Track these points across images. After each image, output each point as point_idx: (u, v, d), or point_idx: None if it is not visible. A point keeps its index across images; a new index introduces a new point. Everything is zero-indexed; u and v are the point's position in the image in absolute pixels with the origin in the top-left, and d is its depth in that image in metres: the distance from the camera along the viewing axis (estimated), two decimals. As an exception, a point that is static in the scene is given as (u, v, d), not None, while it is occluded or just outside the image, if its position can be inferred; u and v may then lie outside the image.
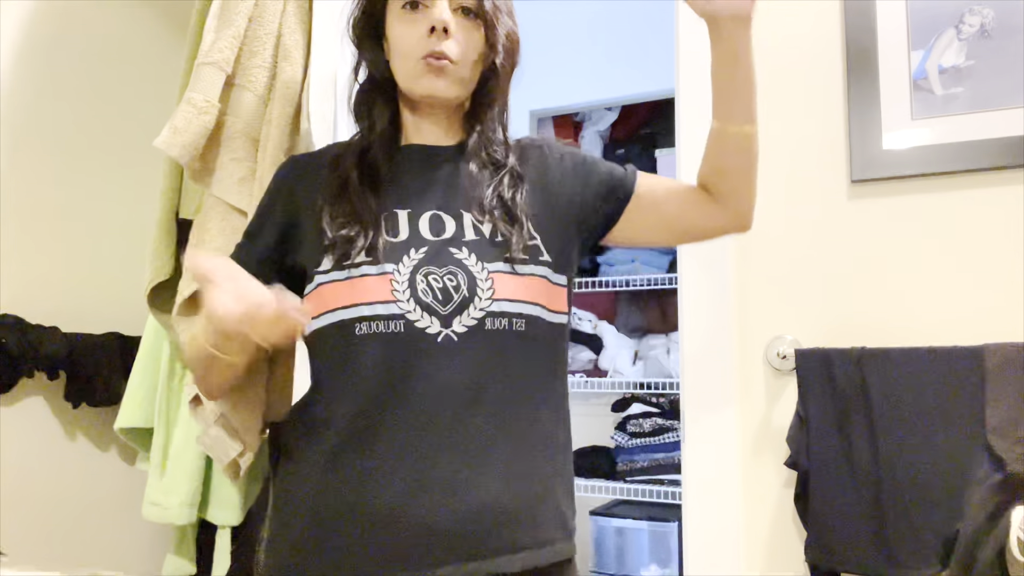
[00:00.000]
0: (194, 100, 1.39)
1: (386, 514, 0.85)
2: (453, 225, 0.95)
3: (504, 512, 0.88)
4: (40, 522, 1.65)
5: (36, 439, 1.67)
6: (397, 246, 0.92)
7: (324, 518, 0.88)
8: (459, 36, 0.95)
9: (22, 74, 1.67)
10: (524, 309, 0.92)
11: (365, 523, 0.85)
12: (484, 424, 0.88)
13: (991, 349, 1.12)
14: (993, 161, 1.20)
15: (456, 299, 0.89)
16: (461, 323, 0.89)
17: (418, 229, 0.94)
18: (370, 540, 0.85)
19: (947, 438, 1.13)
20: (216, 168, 1.46)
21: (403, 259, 0.91)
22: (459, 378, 0.88)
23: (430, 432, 0.86)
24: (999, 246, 1.19)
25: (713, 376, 1.31)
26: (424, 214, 0.95)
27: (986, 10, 1.23)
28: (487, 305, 0.89)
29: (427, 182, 0.99)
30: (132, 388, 1.65)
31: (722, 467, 1.30)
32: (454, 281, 0.90)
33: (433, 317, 0.88)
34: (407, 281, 0.89)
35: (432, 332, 0.88)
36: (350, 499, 0.87)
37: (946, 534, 1.10)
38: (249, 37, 1.47)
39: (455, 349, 0.88)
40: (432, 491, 0.85)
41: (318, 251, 0.94)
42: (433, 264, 0.91)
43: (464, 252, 0.92)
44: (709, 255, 1.35)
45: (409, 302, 0.88)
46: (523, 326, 0.91)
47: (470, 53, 0.96)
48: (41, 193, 1.69)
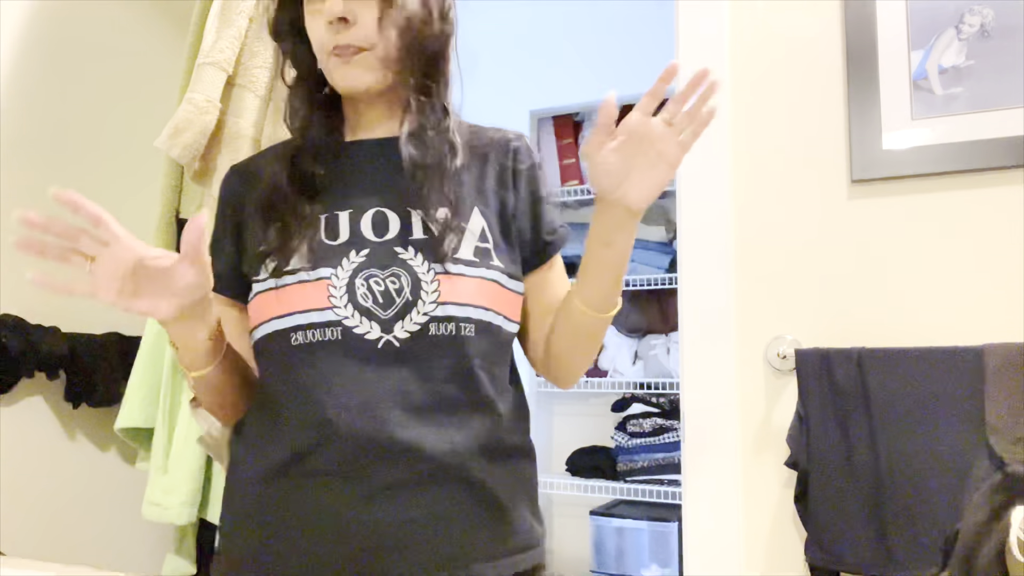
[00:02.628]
0: (195, 100, 1.39)
1: (332, 525, 0.81)
2: (399, 223, 0.89)
3: (457, 521, 0.83)
4: (40, 522, 1.65)
5: (36, 439, 1.67)
6: (335, 249, 0.86)
7: (271, 531, 0.84)
8: (365, 18, 0.87)
9: (22, 74, 1.67)
10: (473, 314, 0.86)
11: (312, 535, 0.81)
12: (429, 433, 0.83)
13: (991, 349, 1.12)
14: (993, 161, 1.20)
15: (398, 302, 0.84)
16: (403, 328, 0.83)
17: (359, 230, 0.88)
18: (317, 551, 0.81)
19: (947, 438, 1.13)
20: (217, 168, 1.46)
21: (342, 262, 0.85)
22: (401, 386, 0.83)
23: (373, 441, 0.81)
24: (999, 246, 1.19)
25: (713, 376, 1.32)
26: (366, 213, 0.89)
27: (986, 10, 1.23)
28: (431, 309, 0.83)
29: (371, 178, 0.92)
30: (132, 388, 1.65)
31: (722, 467, 1.30)
32: (396, 284, 0.84)
33: (373, 322, 0.83)
34: (345, 286, 0.84)
35: (372, 338, 0.83)
36: (295, 511, 0.83)
37: (946, 534, 1.10)
38: (250, 37, 1.47)
39: (398, 356, 0.83)
40: (378, 501, 0.81)
41: (256, 260, 0.89)
42: (375, 266, 0.85)
43: (410, 252, 0.86)
44: (709, 255, 1.35)
45: (347, 307, 0.83)
46: (472, 331, 0.85)
47: (385, 30, 0.87)
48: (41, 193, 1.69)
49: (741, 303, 1.33)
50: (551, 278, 0.98)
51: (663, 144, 0.83)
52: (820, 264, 1.29)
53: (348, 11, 0.86)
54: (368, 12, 0.87)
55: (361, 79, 0.89)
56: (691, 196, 1.38)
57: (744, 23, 1.39)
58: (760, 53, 1.37)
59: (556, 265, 1.00)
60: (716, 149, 1.37)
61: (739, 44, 1.38)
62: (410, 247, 0.86)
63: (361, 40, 0.87)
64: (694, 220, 1.37)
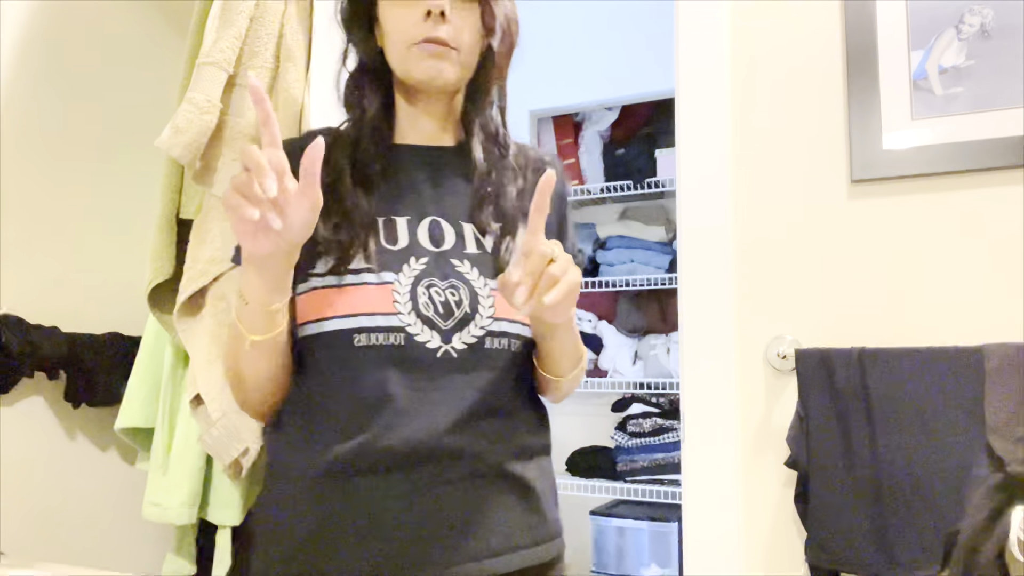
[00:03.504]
0: (195, 100, 1.39)
1: (377, 519, 0.83)
2: (453, 235, 0.91)
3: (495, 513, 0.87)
4: (40, 522, 1.65)
5: (36, 439, 1.67)
6: (397, 254, 0.88)
7: (320, 525, 0.85)
8: (456, 19, 0.90)
9: (22, 74, 1.67)
10: (523, 331, 0.91)
11: (359, 529, 0.83)
12: (474, 438, 0.86)
13: (991, 349, 1.13)
14: (993, 161, 1.20)
15: (457, 314, 0.87)
16: (461, 340, 0.86)
17: (417, 237, 0.90)
18: (364, 544, 0.83)
19: (947, 438, 1.13)
20: (218, 168, 1.46)
21: (403, 268, 0.87)
22: (454, 395, 0.86)
23: (423, 444, 0.84)
24: (999, 246, 1.19)
25: (713, 376, 1.32)
26: (423, 221, 0.91)
27: (986, 10, 1.23)
28: (488, 324, 0.87)
29: (425, 186, 0.94)
30: (132, 388, 1.65)
31: (722, 467, 1.30)
32: (456, 295, 0.87)
33: (433, 332, 0.86)
34: (408, 292, 0.86)
35: (432, 347, 0.86)
36: (344, 507, 0.84)
37: (946, 534, 1.10)
38: (251, 37, 1.47)
39: (453, 366, 0.86)
40: (421, 496, 0.84)
41: (312, 251, 0.88)
42: (435, 276, 0.87)
43: (466, 265, 0.89)
44: (709, 255, 1.35)
45: (410, 315, 0.85)
46: (519, 347, 0.90)
47: (468, 37, 0.92)
48: (41, 193, 1.69)
49: (741, 303, 1.33)
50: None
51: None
52: (820, 264, 1.29)
53: (447, 5, 0.89)
54: (459, 15, 0.91)
55: (444, 74, 0.91)
56: (691, 196, 1.38)
57: (744, 23, 1.39)
58: (760, 53, 1.38)
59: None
60: (716, 149, 1.37)
61: (739, 44, 1.38)
62: (465, 260, 0.89)
63: (453, 38, 0.90)
64: (694, 220, 1.37)
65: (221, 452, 1.40)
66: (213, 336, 1.44)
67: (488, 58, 0.95)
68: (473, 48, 0.93)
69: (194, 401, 1.44)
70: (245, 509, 1.56)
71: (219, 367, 1.42)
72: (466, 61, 0.93)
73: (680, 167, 1.40)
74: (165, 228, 1.54)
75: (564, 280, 0.76)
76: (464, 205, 0.93)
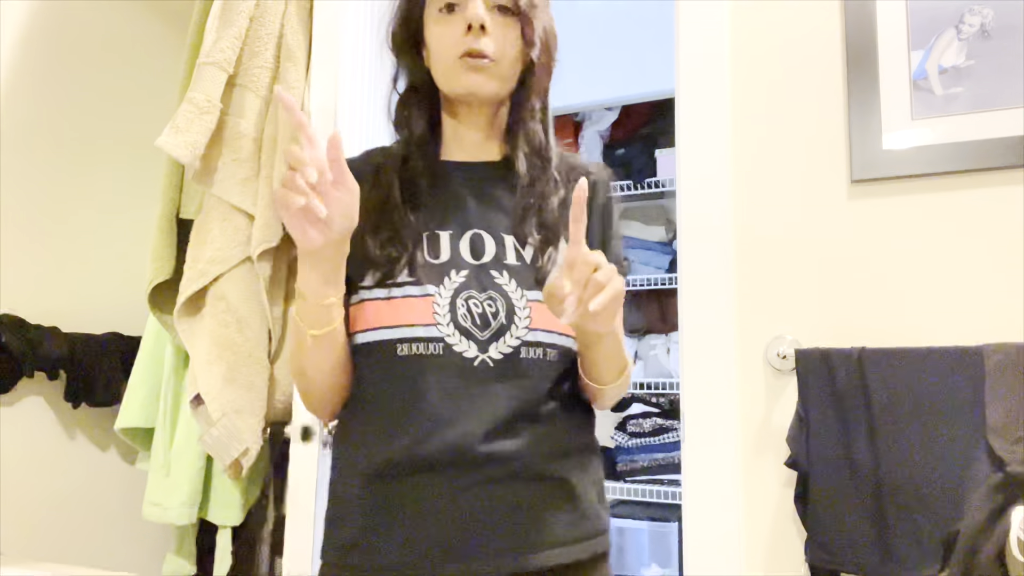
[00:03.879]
0: (196, 100, 1.39)
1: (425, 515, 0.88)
2: (494, 247, 0.95)
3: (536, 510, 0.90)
4: (40, 522, 1.65)
5: (36, 439, 1.67)
6: (438, 268, 0.93)
7: (372, 521, 0.91)
8: (496, 33, 0.95)
9: (22, 74, 1.67)
10: (559, 340, 0.94)
11: (408, 524, 0.88)
12: (513, 441, 0.90)
13: (991, 349, 1.13)
14: (993, 161, 1.20)
15: (494, 325, 0.91)
16: (497, 349, 0.91)
17: (459, 250, 0.95)
18: (413, 538, 0.88)
19: (947, 438, 1.13)
20: (217, 168, 1.46)
21: (444, 281, 0.92)
22: (491, 401, 0.90)
23: (462, 448, 0.88)
24: (999, 246, 1.19)
25: (713, 376, 1.32)
26: (465, 234, 0.96)
27: (986, 10, 1.23)
28: (523, 334, 0.91)
29: (469, 201, 0.98)
30: (132, 388, 1.66)
31: (722, 467, 1.30)
32: (493, 307, 0.92)
33: (471, 342, 0.90)
34: (448, 304, 0.91)
35: (469, 356, 0.90)
36: (393, 504, 0.89)
37: (946, 534, 1.10)
38: (251, 37, 1.47)
39: (490, 375, 0.90)
40: (464, 494, 0.88)
41: (362, 265, 0.94)
42: (474, 288, 0.92)
43: (504, 277, 0.93)
44: (709, 255, 1.35)
45: (449, 326, 0.91)
46: (555, 356, 0.94)
47: (508, 50, 0.96)
48: (41, 193, 1.69)
49: (741, 303, 1.33)
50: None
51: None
52: (820, 264, 1.29)
53: (486, 19, 0.94)
54: (500, 29, 0.95)
55: (485, 86, 0.96)
56: (691, 196, 1.38)
57: (744, 23, 1.39)
58: (760, 53, 1.38)
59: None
60: (716, 149, 1.37)
61: (739, 44, 1.38)
62: (504, 272, 0.93)
63: (492, 51, 0.95)
64: (694, 220, 1.37)
65: (221, 452, 1.40)
66: (213, 336, 1.43)
67: (529, 71, 0.99)
68: (514, 62, 0.97)
69: (194, 401, 1.44)
70: (245, 509, 1.56)
71: (219, 367, 1.42)
72: (506, 74, 0.97)
73: (680, 167, 1.40)
74: (165, 228, 1.54)
75: (609, 287, 0.79)
76: (507, 217, 0.97)
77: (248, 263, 1.46)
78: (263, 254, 1.44)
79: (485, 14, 0.94)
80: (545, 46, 1.00)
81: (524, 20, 0.97)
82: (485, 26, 0.94)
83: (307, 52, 1.52)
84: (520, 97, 1.01)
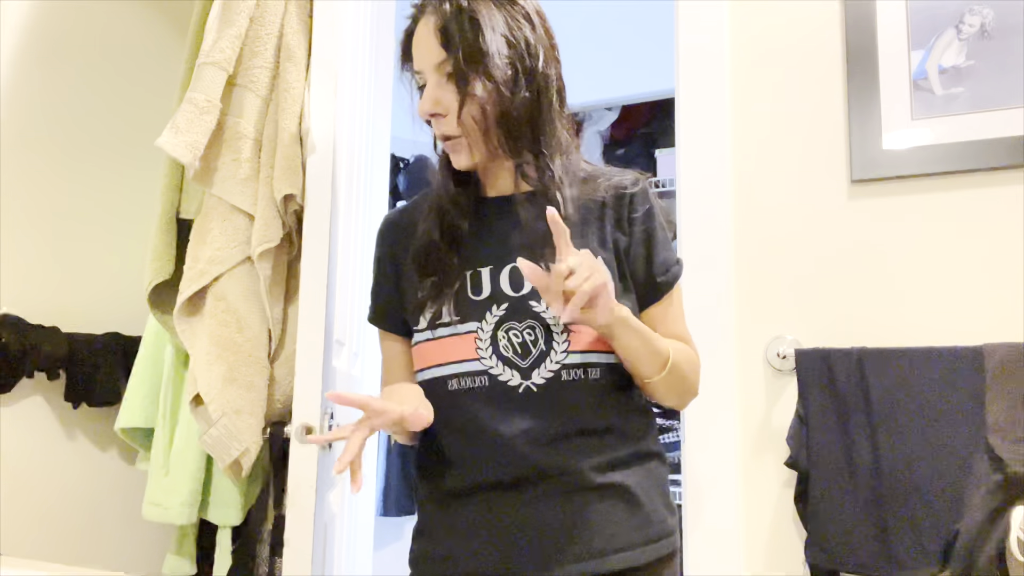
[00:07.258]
0: (196, 100, 1.39)
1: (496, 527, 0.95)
2: None
3: (602, 518, 0.95)
4: (40, 522, 1.65)
5: (36, 439, 1.67)
6: (480, 304, 0.98)
7: (449, 536, 0.98)
8: (452, 106, 0.96)
9: (22, 74, 1.67)
10: (599, 359, 0.97)
11: (481, 536, 0.95)
12: (567, 457, 0.95)
13: (991, 349, 1.13)
14: (993, 161, 1.20)
15: (534, 353, 0.96)
16: (540, 375, 0.95)
17: (499, 285, 0.99)
18: (487, 549, 0.95)
19: (947, 438, 1.13)
20: (218, 168, 1.46)
21: (486, 316, 0.98)
22: (539, 423, 0.94)
23: (519, 468, 0.94)
24: (999, 246, 1.19)
25: (713, 376, 1.31)
26: (505, 268, 0.99)
27: (986, 10, 1.23)
28: (563, 358, 0.95)
29: (508, 234, 1.01)
30: (132, 388, 1.65)
31: (722, 467, 1.30)
32: (532, 335, 0.96)
33: (513, 371, 0.96)
34: (490, 338, 0.97)
35: (513, 384, 0.95)
36: (465, 520, 0.97)
37: (946, 534, 1.10)
38: (251, 37, 1.47)
39: (535, 398, 0.95)
40: (531, 506, 0.94)
41: (415, 310, 1.02)
42: (514, 319, 0.97)
43: (542, 305, 0.96)
44: (709, 255, 1.35)
45: (492, 358, 0.96)
46: (598, 374, 0.97)
47: (471, 114, 0.95)
48: (41, 193, 1.69)
49: (741, 303, 1.33)
50: (663, 313, 1.05)
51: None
52: (820, 264, 1.29)
53: (438, 104, 0.97)
54: (454, 97, 0.96)
55: (462, 162, 1.00)
56: (691, 196, 1.38)
57: (744, 23, 1.39)
58: (760, 53, 1.38)
59: (670, 301, 1.05)
60: (716, 149, 1.37)
61: (739, 44, 1.38)
62: (542, 300, 0.95)
63: (452, 130, 0.98)
64: (694, 220, 1.37)
65: (221, 452, 1.40)
66: (213, 336, 1.43)
67: (514, 109, 0.97)
68: (488, 117, 0.96)
69: (194, 401, 1.44)
70: (245, 509, 1.56)
71: (219, 367, 1.42)
72: (481, 136, 0.98)
73: (680, 167, 1.39)
74: (165, 228, 1.54)
75: (579, 291, 0.83)
76: (543, 247, 0.97)
77: (248, 263, 1.46)
78: (263, 254, 1.44)
79: (430, 104, 0.96)
80: (500, 91, 0.95)
81: (476, 79, 0.94)
82: (437, 112, 0.96)
83: (307, 52, 1.52)
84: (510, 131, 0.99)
